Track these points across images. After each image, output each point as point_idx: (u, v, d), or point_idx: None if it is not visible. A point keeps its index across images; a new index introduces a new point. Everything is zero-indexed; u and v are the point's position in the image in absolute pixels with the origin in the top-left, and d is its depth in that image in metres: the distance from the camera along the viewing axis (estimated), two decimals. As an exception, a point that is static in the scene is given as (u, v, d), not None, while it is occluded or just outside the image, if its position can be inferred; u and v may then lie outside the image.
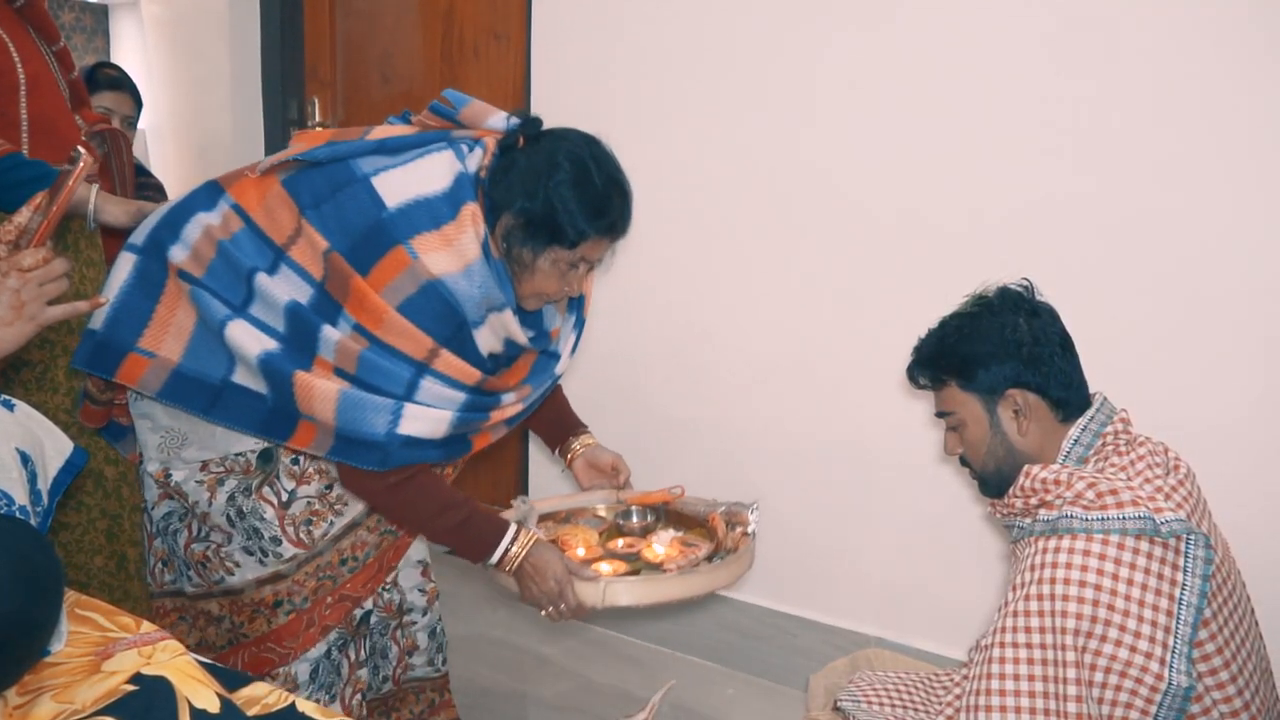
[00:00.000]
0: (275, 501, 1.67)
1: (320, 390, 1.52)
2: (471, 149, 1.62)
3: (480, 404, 1.63)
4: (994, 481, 1.52)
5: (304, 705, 1.18)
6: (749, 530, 1.82)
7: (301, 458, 1.67)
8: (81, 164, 1.33)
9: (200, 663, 1.18)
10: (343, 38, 3.44)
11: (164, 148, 3.87)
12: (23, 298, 1.26)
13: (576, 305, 1.84)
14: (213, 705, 1.10)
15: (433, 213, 1.54)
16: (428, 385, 1.56)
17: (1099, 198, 2.06)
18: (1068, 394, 1.47)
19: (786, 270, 2.46)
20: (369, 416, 1.52)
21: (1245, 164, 1.92)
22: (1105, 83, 2.03)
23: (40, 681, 1.12)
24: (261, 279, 1.55)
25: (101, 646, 1.20)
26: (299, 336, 1.55)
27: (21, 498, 1.26)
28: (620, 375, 2.68)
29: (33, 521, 1.26)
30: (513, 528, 1.66)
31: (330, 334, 1.53)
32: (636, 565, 1.80)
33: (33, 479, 1.30)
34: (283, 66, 3.49)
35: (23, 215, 1.31)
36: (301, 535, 1.68)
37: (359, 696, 1.82)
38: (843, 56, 2.32)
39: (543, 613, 1.66)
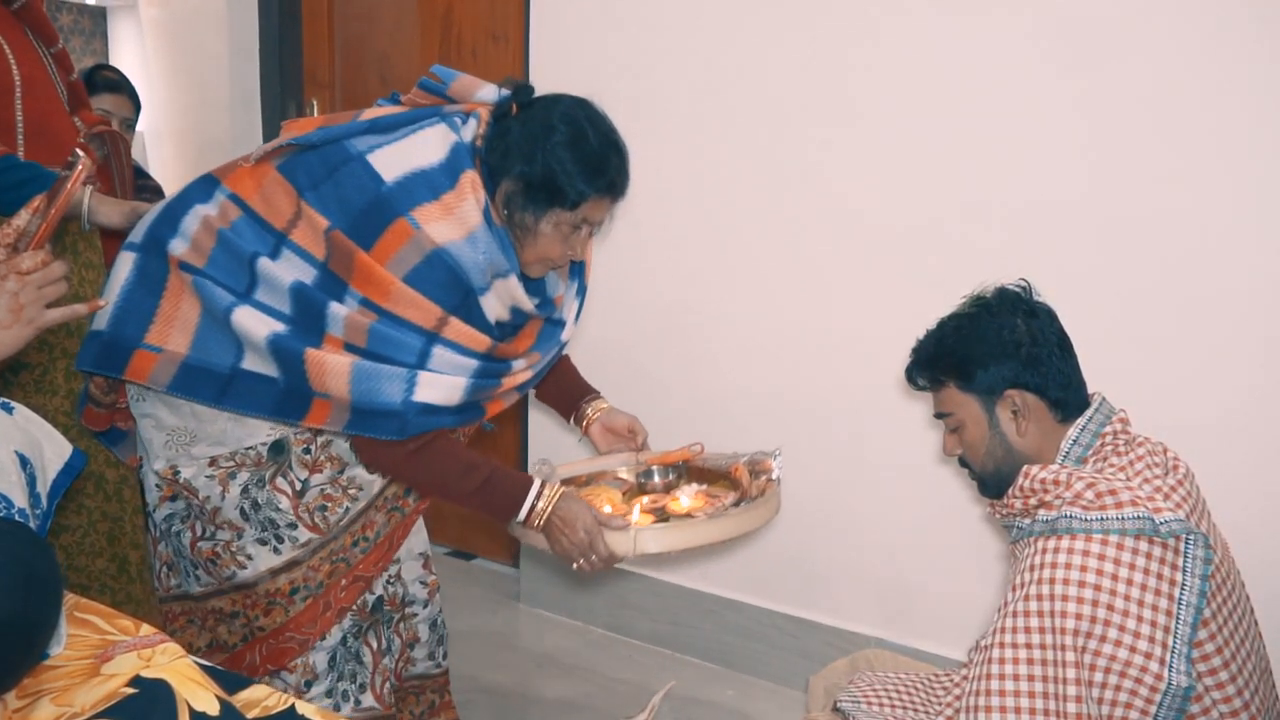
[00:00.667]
0: (289, 491, 1.66)
1: (332, 365, 1.51)
2: (465, 121, 1.63)
3: (492, 370, 1.63)
4: (993, 482, 1.52)
5: (304, 708, 1.17)
6: (774, 476, 1.80)
7: (313, 447, 1.67)
8: (80, 166, 1.33)
9: (200, 665, 1.18)
10: (341, 39, 3.44)
11: (162, 150, 3.87)
12: (21, 300, 1.26)
13: (578, 272, 1.84)
14: (212, 708, 1.10)
15: (431, 183, 1.54)
16: (439, 353, 1.55)
17: (1097, 198, 2.06)
18: (1066, 394, 1.47)
19: (785, 275, 2.46)
20: (384, 386, 1.52)
21: (1243, 163, 1.93)
22: (1103, 83, 2.03)
23: (39, 684, 1.12)
24: (264, 263, 1.55)
25: (101, 649, 1.20)
26: (306, 316, 1.54)
27: (21, 501, 1.26)
28: (617, 369, 2.67)
29: (32, 524, 1.26)
30: (537, 482, 1.65)
31: (338, 310, 1.53)
32: (664, 518, 1.79)
33: (32, 482, 1.30)
34: (281, 68, 3.49)
35: (21, 218, 1.31)
36: (317, 520, 1.68)
37: (388, 685, 1.82)
38: (841, 56, 2.32)
39: (574, 565, 1.65)
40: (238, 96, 3.55)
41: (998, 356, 1.47)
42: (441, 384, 1.56)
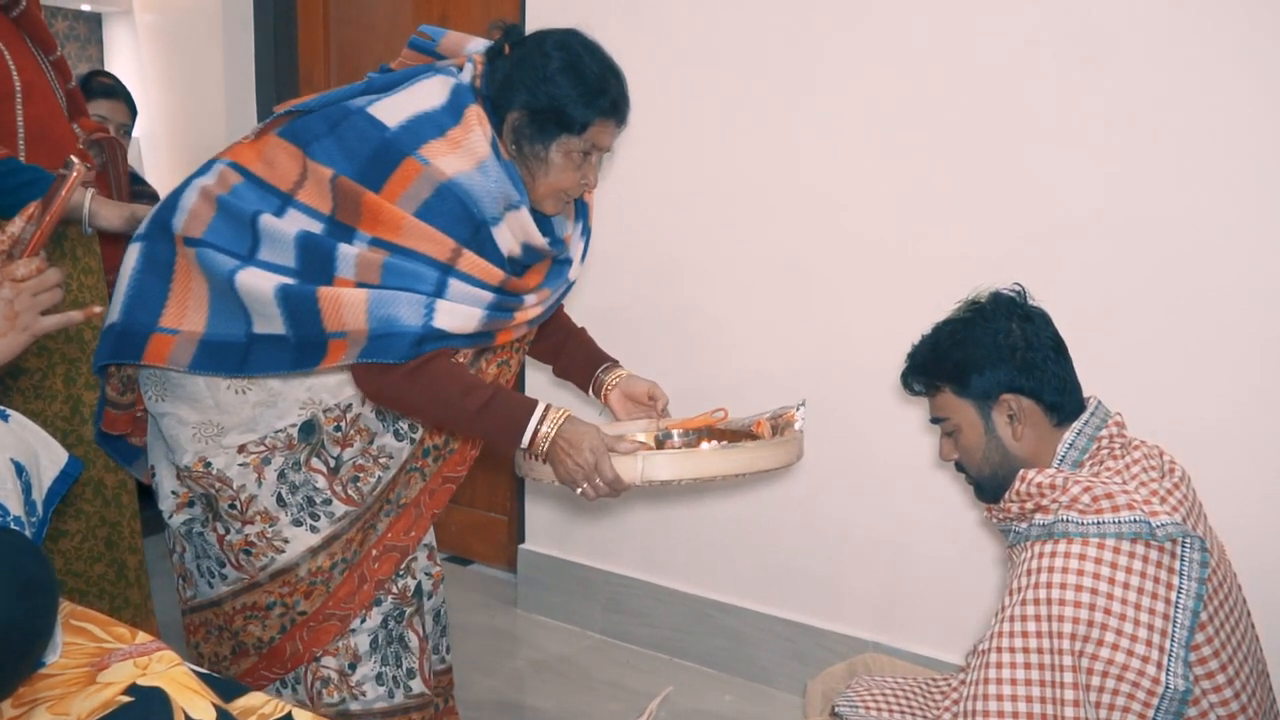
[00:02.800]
0: (325, 469, 1.66)
1: (348, 298, 1.49)
2: (461, 70, 1.64)
3: (506, 304, 1.62)
4: (989, 486, 1.52)
5: (301, 715, 1.17)
6: (797, 427, 1.75)
7: (343, 423, 1.66)
8: (74, 173, 1.33)
9: (197, 673, 1.18)
10: (336, 45, 3.44)
11: (158, 156, 3.87)
12: (16, 308, 1.26)
13: (582, 214, 1.85)
14: (209, 716, 1.09)
15: (436, 122, 1.55)
16: (455, 285, 1.54)
17: (1091, 202, 2.06)
18: (1062, 398, 1.47)
19: (780, 282, 2.46)
20: (402, 312, 1.49)
21: (1238, 166, 1.93)
22: (1097, 86, 2.03)
23: (35, 693, 1.12)
24: (266, 219, 1.53)
25: (97, 658, 1.20)
26: (313, 264, 1.52)
27: (16, 508, 1.26)
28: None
29: (27, 532, 1.26)
30: (541, 405, 1.59)
31: (347, 250, 1.51)
32: None
33: (27, 489, 1.30)
34: (277, 74, 3.49)
35: (16, 225, 1.31)
36: (350, 493, 1.67)
37: (431, 671, 1.84)
38: (838, 62, 2.32)
39: (578, 490, 1.58)
40: (233, 102, 3.55)
41: (993, 361, 1.47)
42: (459, 312, 1.53)
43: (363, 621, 1.72)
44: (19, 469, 1.29)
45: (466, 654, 2.70)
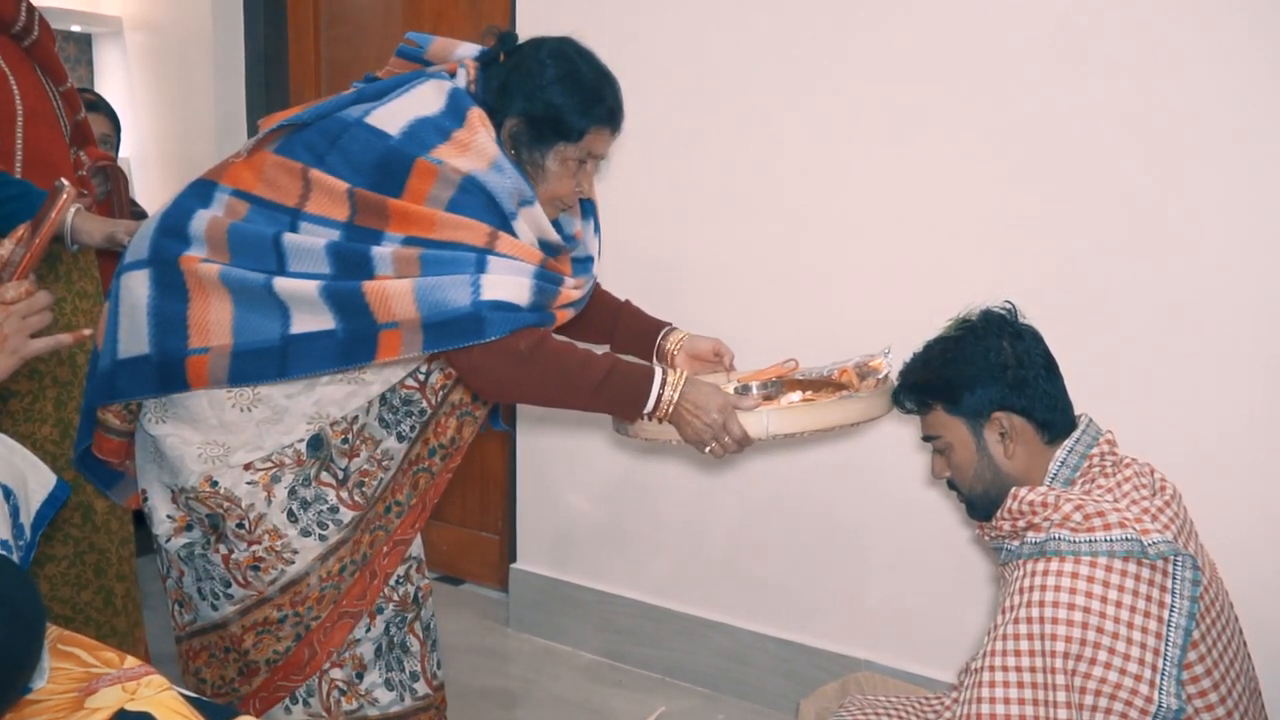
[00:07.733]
0: (334, 481, 1.65)
1: (394, 288, 1.47)
2: (454, 75, 1.64)
3: (550, 277, 1.60)
4: (981, 504, 1.52)
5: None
6: (883, 375, 1.75)
7: (350, 435, 1.65)
8: (64, 195, 1.33)
9: (186, 697, 1.17)
10: (327, 62, 3.45)
11: (148, 175, 3.86)
12: (5, 331, 1.26)
13: (590, 212, 1.85)
14: (197, 741, 1.09)
15: (438, 127, 1.54)
16: (495, 262, 1.51)
17: (1084, 220, 2.07)
18: (1053, 416, 1.47)
19: (783, 287, 2.47)
20: (450, 295, 1.47)
21: (1231, 181, 1.93)
22: (1089, 98, 2.04)
23: (22, 719, 1.11)
24: (289, 237, 1.52)
25: (84, 683, 1.19)
26: (350, 269, 1.50)
27: (4, 532, 1.25)
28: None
29: (14, 556, 1.26)
30: (659, 370, 1.59)
31: (382, 251, 1.50)
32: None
33: (15, 513, 1.29)
34: (268, 92, 3.50)
35: (5, 248, 1.30)
36: (356, 498, 1.67)
37: (437, 672, 1.84)
38: (839, 67, 2.33)
39: (706, 449, 1.60)
40: (223, 121, 3.55)
41: (984, 379, 1.47)
42: (507, 283, 1.51)
43: (367, 630, 1.72)
44: (7, 492, 1.29)
45: (458, 674, 2.69)
